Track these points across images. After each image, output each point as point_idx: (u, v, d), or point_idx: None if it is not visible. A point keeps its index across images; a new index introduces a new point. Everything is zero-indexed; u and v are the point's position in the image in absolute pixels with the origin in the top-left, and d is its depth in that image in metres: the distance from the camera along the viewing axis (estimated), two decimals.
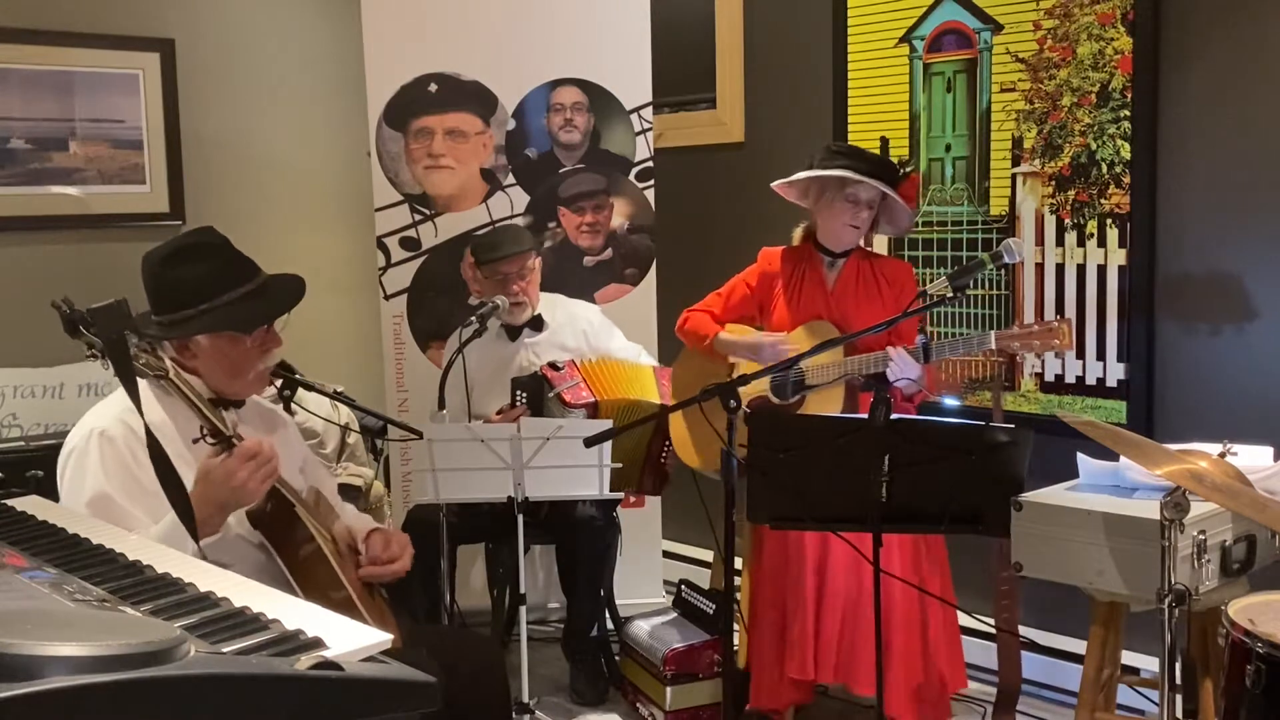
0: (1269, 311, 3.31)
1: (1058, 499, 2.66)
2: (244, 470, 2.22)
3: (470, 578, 4.33)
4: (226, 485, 2.21)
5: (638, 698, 3.78)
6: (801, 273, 3.40)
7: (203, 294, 2.43)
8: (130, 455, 2.29)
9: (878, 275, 3.38)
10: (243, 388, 2.51)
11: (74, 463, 2.34)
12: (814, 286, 3.38)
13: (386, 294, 4.35)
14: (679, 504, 4.34)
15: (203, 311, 2.42)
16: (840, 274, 3.39)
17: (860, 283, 3.36)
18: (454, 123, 4.32)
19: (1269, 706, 2.16)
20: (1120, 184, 3.54)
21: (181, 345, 2.45)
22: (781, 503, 2.72)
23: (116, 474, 2.30)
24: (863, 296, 3.35)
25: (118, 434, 2.31)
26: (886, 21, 4.06)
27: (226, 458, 2.22)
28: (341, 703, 1.21)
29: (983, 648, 3.71)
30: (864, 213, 3.33)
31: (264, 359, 2.49)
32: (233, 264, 2.50)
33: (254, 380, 2.52)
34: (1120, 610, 2.78)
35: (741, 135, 4.62)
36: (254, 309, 2.46)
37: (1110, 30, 3.52)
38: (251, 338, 2.46)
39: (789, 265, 3.43)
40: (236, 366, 2.47)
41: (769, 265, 3.47)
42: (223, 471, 2.21)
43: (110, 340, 1.91)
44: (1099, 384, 3.64)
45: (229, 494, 2.23)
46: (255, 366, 2.49)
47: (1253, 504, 2.20)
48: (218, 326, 2.43)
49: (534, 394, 3.76)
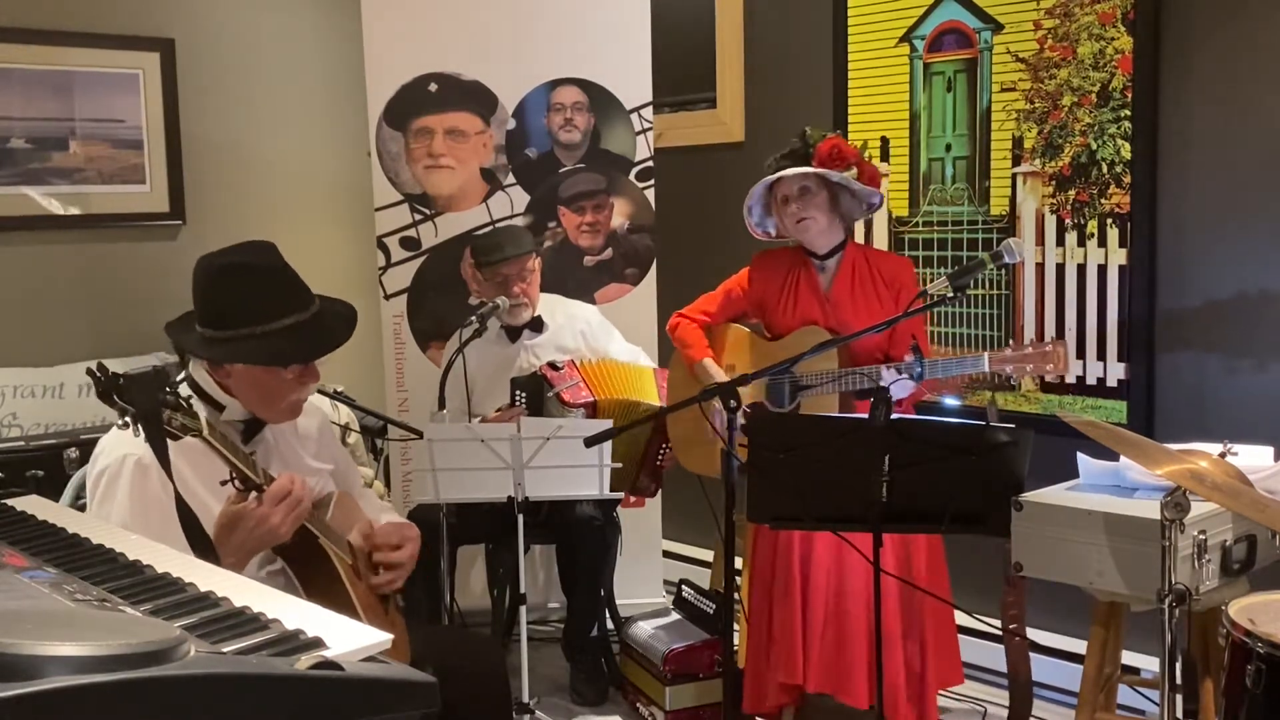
0: (1269, 311, 3.31)
1: (1058, 499, 2.66)
2: (276, 515, 2.19)
3: (470, 578, 4.33)
4: (257, 531, 2.18)
5: (638, 698, 3.78)
6: (796, 276, 3.35)
7: (249, 318, 2.34)
8: (163, 489, 2.21)
9: (875, 275, 3.31)
10: (274, 416, 2.45)
11: (105, 486, 2.31)
12: (809, 291, 3.33)
13: (386, 294, 4.35)
14: (679, 504, 4.34)
15: (244, 337, 2.34)
16: (835, 276, 3.32)
17: (857, 285, 3.30)
18: (454, 122, 4.32)
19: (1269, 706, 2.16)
20: (1120, 184, 3.54)
21: (215, 364, 2.40)
22: (782, 502, 2.71)
23: (146, 505, 2.26)
24: (860, 300, 3.29)
25: (152, 464, 2.22)
26: (887, 21, 4.06)
27: (257, 504, 2.18)
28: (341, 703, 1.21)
29: (983, 647, 3.70)
30: (794, 205, 3.24)
31: (300, 391, 2.43)
32: (285, 291, 2.41)
33: (286, 409, 2.45)
34: (1121, 610, 2.78)
35: (742, 135, 4.62)
36: (296, 345, 2.38)
37: (1111, 30, 3.52)
38: (289, 370, 2.39)
39: (784, 268, 3.38)
40: (271, 396, 2.41)
41: (764, 268, 3.42)
42: (255, 518, 2.18)
43: (145, 410, 1.89)
44: (1099, 384, 3.63)
45: (260, 539, 2.20)
46: (289, 398, 2.42)
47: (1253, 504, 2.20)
48: (255, 359, 2.35)
49: (533, 394, 3.76)
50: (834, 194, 3.28)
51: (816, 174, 3.22)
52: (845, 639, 3.16)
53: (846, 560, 3.14)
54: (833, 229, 3.32)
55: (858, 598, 3.14)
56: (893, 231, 4.09)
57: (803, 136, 3.29)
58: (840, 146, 3.23)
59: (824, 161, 3.22)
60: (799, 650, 3.20)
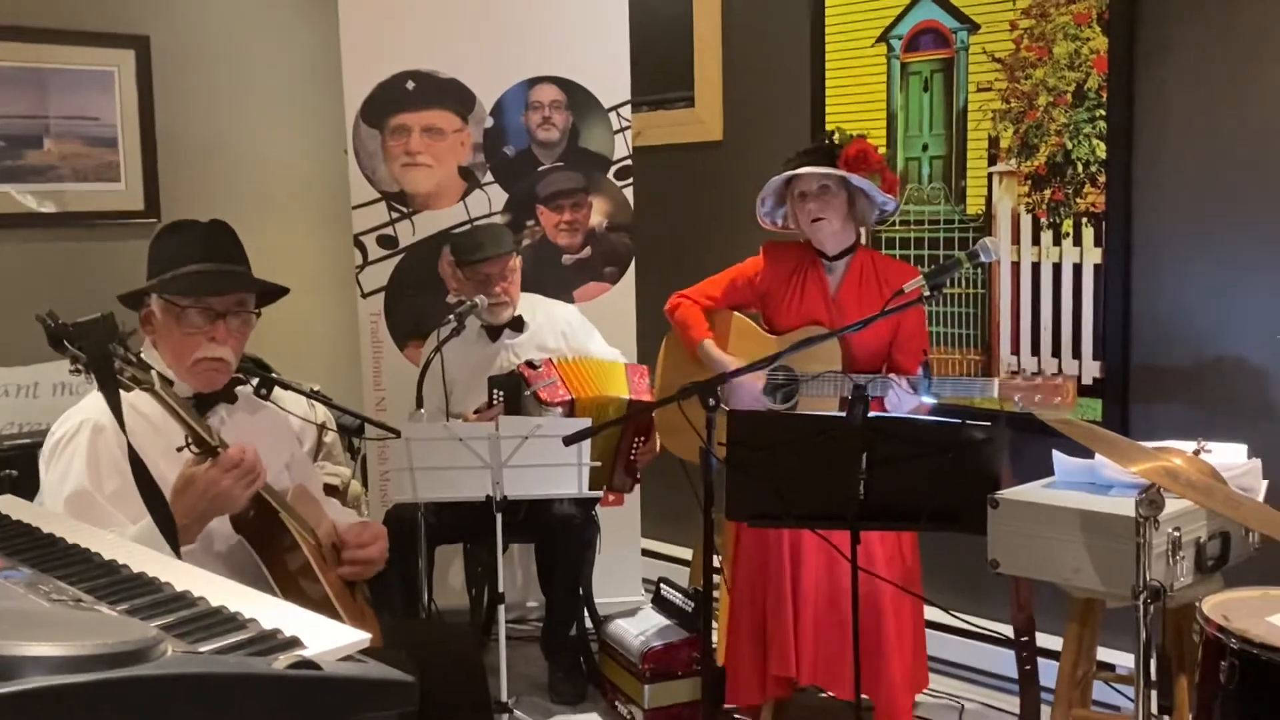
0: (1243, 310, 3.34)
1: (1034, 496, 2.68)
2: (227, 479, 2.21)
3: (448, 577, 4.32)
4: (209, 494, 2.20)
5: (616, 696, 3.78)
6: (804, 273, 3.35)
7: (167, 264, 2.46)
8: (120, 449, 2.26)
9: (882, 282, 3.29)
10: (186, 375, 2.45)
11: (60, 453, 2.33)
12: (816, 290, 3.33)
13: (364, 292, 4.34)
14: (658, 502, 4.35)
15: (159, 283, 2.45)
16: (843, 279, 3.32)
17: (864, 289, 3.30)
18: (431, 120, 4.31)
19: (1242, 702, 2.18)
20: (1096, 183, 3.56)
21: (145, 318, 2.47)
22: (760, 500, 2.72)
23: (102, 469, 2.29)
24: (865, 305, 3.26)
25: (109, 424, 2.28)
26: (864, 21, 4.08)
27: (210, 467, 2.21)
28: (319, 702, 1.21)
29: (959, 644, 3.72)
30: (812, 204, 3.25)
31: (208, 348, 2.44)
32: (209, 242, 2.50)
33: (197, 370, 2.45)
34: (1096, 607, 2.80)
35: (720, 134, 4.62)
36: (195, 282, 2.44)
37: (1086, 30, 3.54)
38: (196, 324, 2.42)
39: (793, 263, 3.37)
40: (178, 351, 2.44)
41: (774, 260, 3.40)
42: (206, 480, 2.20)
43: (95, 356, 1.89)
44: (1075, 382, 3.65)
45: (211, 502, 2.22)
46: (195, 354, 2.43)
47: (1227, 501, 2.22)
48: (159, 290, 2.44)
49: (511, 393, 3.76)
50: (852, 197, 3.29)
51: (839, 176, 3.23)
52: (838, 633, 3.17)
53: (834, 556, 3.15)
54: (845, 231, 3.33)
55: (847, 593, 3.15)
56: (871, 230, 4.10)
57: (831, 136, 3.31)
58: (867, 151, 3.24)
59: (849, 164, 3.23)
60: (791, 643, 3.20)
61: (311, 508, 2.58)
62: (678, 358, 3.51)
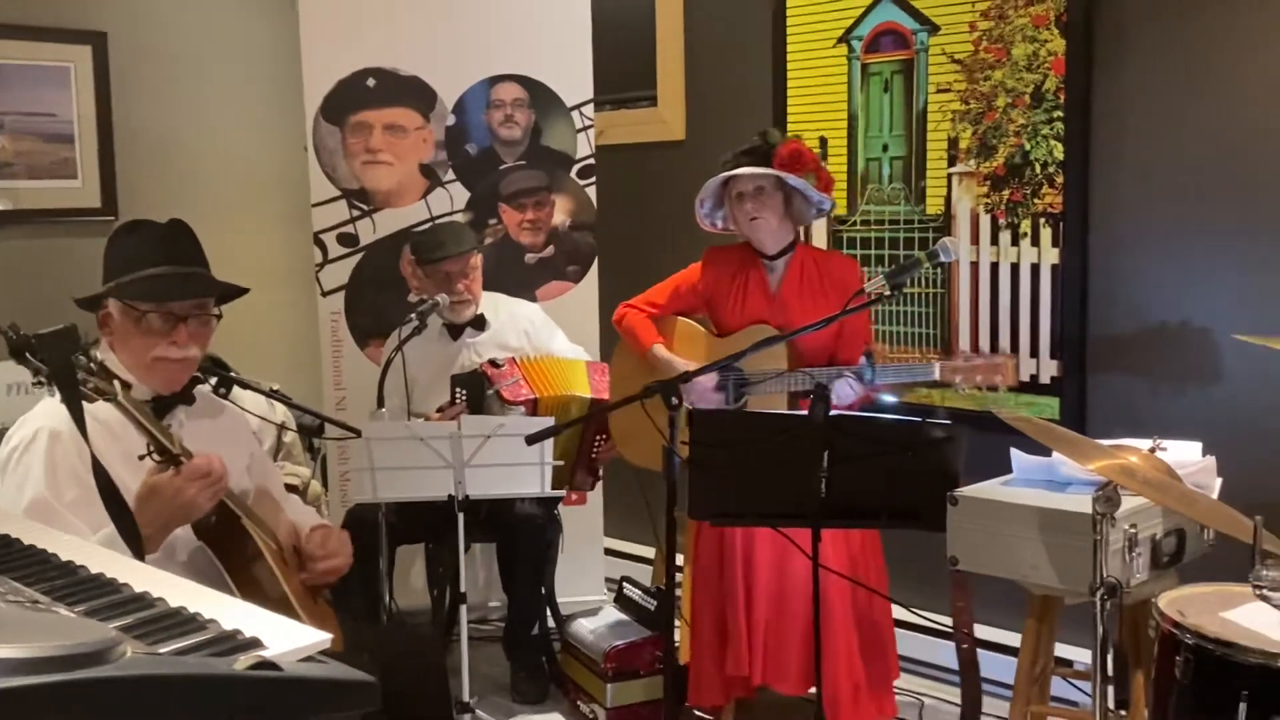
0: (1198, 309, 3.38)
1: (993, 494, 2.70)
2: (192, 488, 2.19)
3: (410, 577, 4.31)
4: (174, 503, 2.19)
5: (579, 695, 3.78)
6: (746, 274, 3.38)
7: (124, 267, 2.43)
8: (79, 457, 2.24)
9: (823, 276, 3.34)
10: (143, 377, 2.43)
11: (17, 461, 2.29)
12: (758, 290, 3.36)
13: (324, 290, 4.31)
14: (621, 501, 4.35)
15: (116, 285, 2.42)
16: (783, 277, 3.35)
17: (805, 285, 3.33)
18: (393, 118, 4.29)
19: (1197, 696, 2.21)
20: (1053, 184, 3.60)
21: (103, 320, 2.45)
22: (723, 499, 2.73)
23: (60, 477, 2.25)
24: (807, 300, 3.31)
25: (66, 431, 2.26)
26: (825, 21, 4.10)
27: (175, 475, 2.19)
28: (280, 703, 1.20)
29: (921, 641, 3.75)
30: (748, 204, 3.27)
31: (166, 349, 2.42)
32: (163, 246, 2.47)
33: (156, 371, 2.43)
34: (1054, 603, 2.83)
35: (683, 133, 4.63)
36: (147, 287, 2.42)
37: (1044, 32, 3.57)
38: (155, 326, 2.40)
39: (734, 265, 3.40)
40: (137, 353, 2.42)
41: (715, 265, 3.44)
42: (171, 489, 2.18)
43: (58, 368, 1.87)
44: (1033, 381, 3.69)
45: (175, 512, 2.20)
46: (153, 352, 2.41)
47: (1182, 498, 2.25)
48: (117, 295, 2.42)
49: (474, 391, 3.75)
50: (788, 196, 3.31)
51: (774, 176, 3.25)
52: (784, 631, 3.19)
53: (789, 554, 3.17)
54: (783, 230, 3.35)
55: (799, 592, 3.17)
56: (831, 230, 4.13)
57: (764, 136, 3.31)
58: (801, 151, 3.26)
59: (784, 164, 3.25)
60: (744, 643, 3.22)
61: (272, 509, 2.56)
62: (628, 367, 3.52)
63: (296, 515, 2.67)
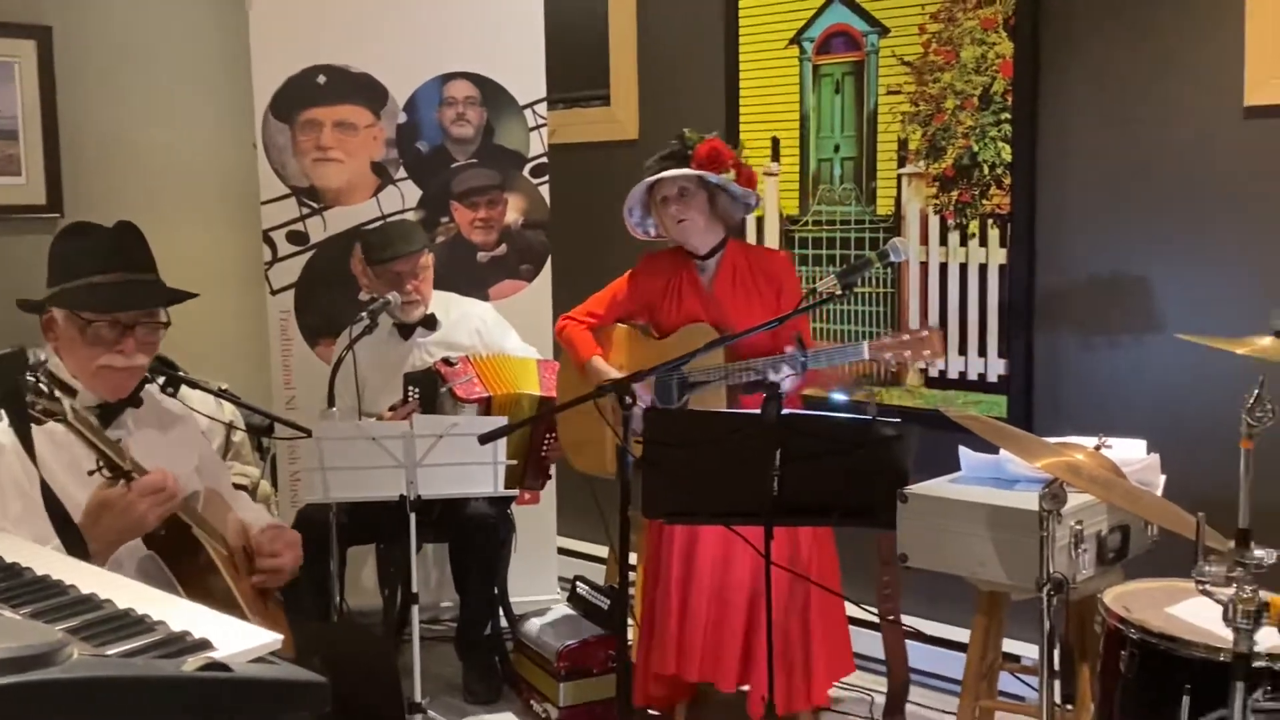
0: (1142, 308, 3.44)
1: (942, 491, 2.73)
2: (143, 504, 2.17)
3: (361, 577, 4.28)
4: (125, 518, 2.16)
5: (531, 695, 3.78)
6: (680, 276, 3.40)
7: (69, 273, 2.38)
8: (23, 471, 2.20)
9: (754, 271, 3.37)
10: (90, 383, 2.39)
11: None
12: (692, 290, 3.38)
13: (273, 289, 4.27)
14: (574, 501, 4.34)
15: (61, 291, 2.38)
16: (715, 275, 3.38)
17: (737, 281, 3.36)
18: (343, 115, 4.26)
19: (1142, 690, 2.25)
20: (1001, 185, 3.64)
21: (47, 324, 2.40)
22: (676, 498, 2.74)
23: (4, 491, 2.21)
24: (740, 296, 3.35)
25: (10, 444, 2.21)
26: (777, 22, 4.12)
27: (126, 491, 2.16)
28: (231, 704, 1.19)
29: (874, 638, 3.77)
30: (673, 207, 3.29)
31: (111, 357, 2.38)
32: (115, 249, 2.42)
33: (101, 378, 2.40)
34: (1002, 599, 2.86)
35: (636, 133, 4.64)
36: (93, 297, 2.37)
37: (992, 35, 3.61)
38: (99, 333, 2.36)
39: (668, 269, 3.42)
40: (81, 360, 2.38)
41: (648, 270, 3.47)
42: (122, 504, 2.16)
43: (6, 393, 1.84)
44: (980, 379, 3.74)
45: (126, 526, 2.18)
46: (99, 360, 2.38)
47: (1126, 495, 2.28)
48: (55, 303, 2.38)
49: (426, 390, 3.73)
50: (712, 195, 3.33)
51: (695, 176, 3.27)
52: (723, 628, 3.20)
53: (731, 552, 3.19)
54: (711, 229, 3.37)
55: (740, 588, 3.19)
56: (783, 230, 4.15)
57: (681, 138, 3.34)
58: (718, 149, 3.29)
59: (702, 163, 3.27)
60: (673, 642, 3.23)
61: (221, 509, 2.54)
62: (575, 378, 3.53)
63: (246, 514, 2.65)
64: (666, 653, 3.25)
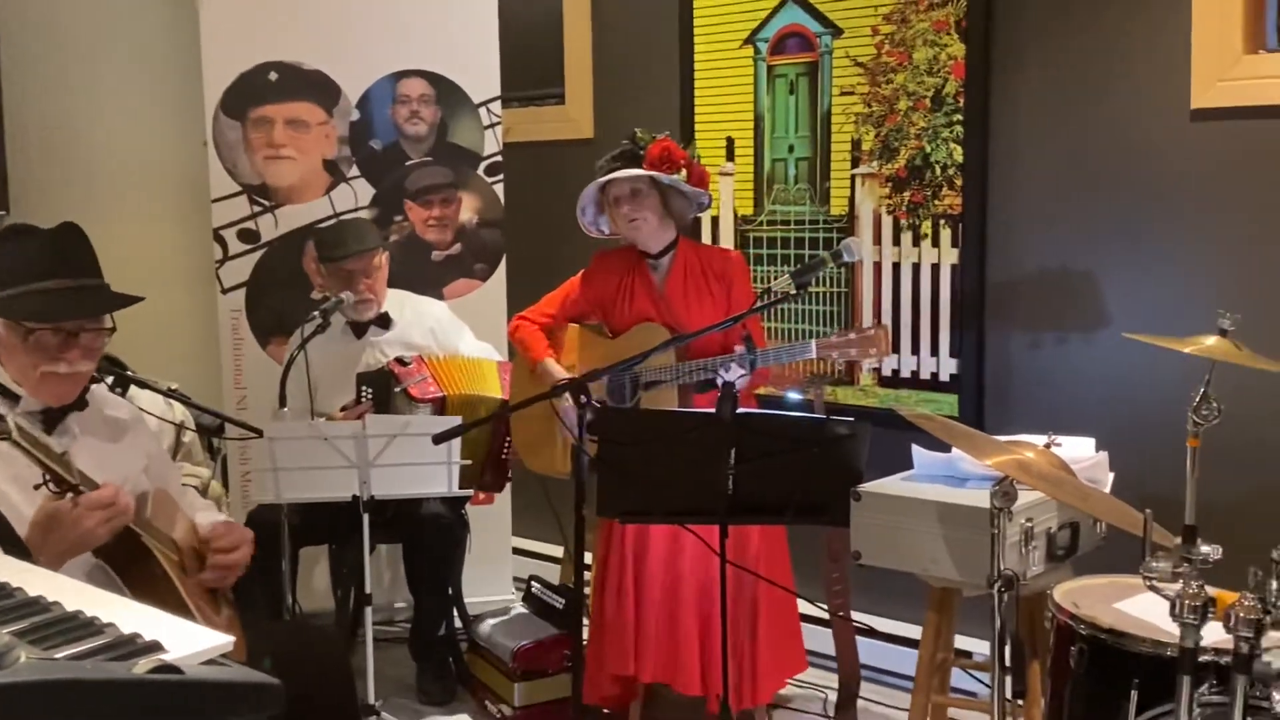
0: (1092, 308, 3.48)
1: (894, 489, 2.75)
2: (91, 519, 2.14)
3: (313, 579, 4.25)
4: (73, 533, 2.13)
5: (486, 695, 3.76)
6: (632, 276, 3.40)
7: (13, 278, 2.32)
8: None
9: (706, 271, 3.37)
10: (33, 390, 2.35)
11: None
12: (644, 290, 3.39)
13: (224, 288, 4.23)
14: (529, 500, 4.34)
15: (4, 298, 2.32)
16: (667, 275, 3.38)
17: (689, 281, 3.37)
18: (295, 112, 4.23)
19: (1091, 685, 2.28)
20: (953, 186, 3.68)
21: None
22: (631, 497, 2.74)
23: None
24: (692, 296, 3.35)
25: None
26: (732, 23, 4.13)
27: (74, 506, 2.13)
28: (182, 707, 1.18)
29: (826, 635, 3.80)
30: (625, 207, 3.30)
31: (55, 364, 2.33)
32: (58, 254, 2.36)
33: (45, 384, 2.35)
34: (953, 596, 2.89)
35: (591, 131, 4.63)
36: (32, 306, 2.32)
37: (945, 37, 3.65)
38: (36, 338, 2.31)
39: (620, 268, 3.43)
40: (24, 367, 2.33)
41: (601, 269, 3.47)
42: (70, 519, 2.12)
43: None
44: (933, 378, 3.77)
45: (76, 540, 2.14)
46: (42, 368, 2.33)
47: (1076, 492, 2.31)
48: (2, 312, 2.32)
49: (380, 390, 3.71)
50: (665, 195, 3.34)
51: (647, 176, 3.27)
52: (678, 628, 3.21)
53: (682, 550, 3.19)
54: (664, 229, 3.38)
55: (691, 587, 3.20)
56: (738, 230, 4.17)
57: (633, 139, 3.34)
58: (670, 149, 3.29)
59: (654, 164, 3.27)
60: (630, 641, 3.24)
61: (171, 509, 2.50)
62: (525, 378, 3.52)
63: (196, 514, 2.62)
64: (624, 654, 3.25)
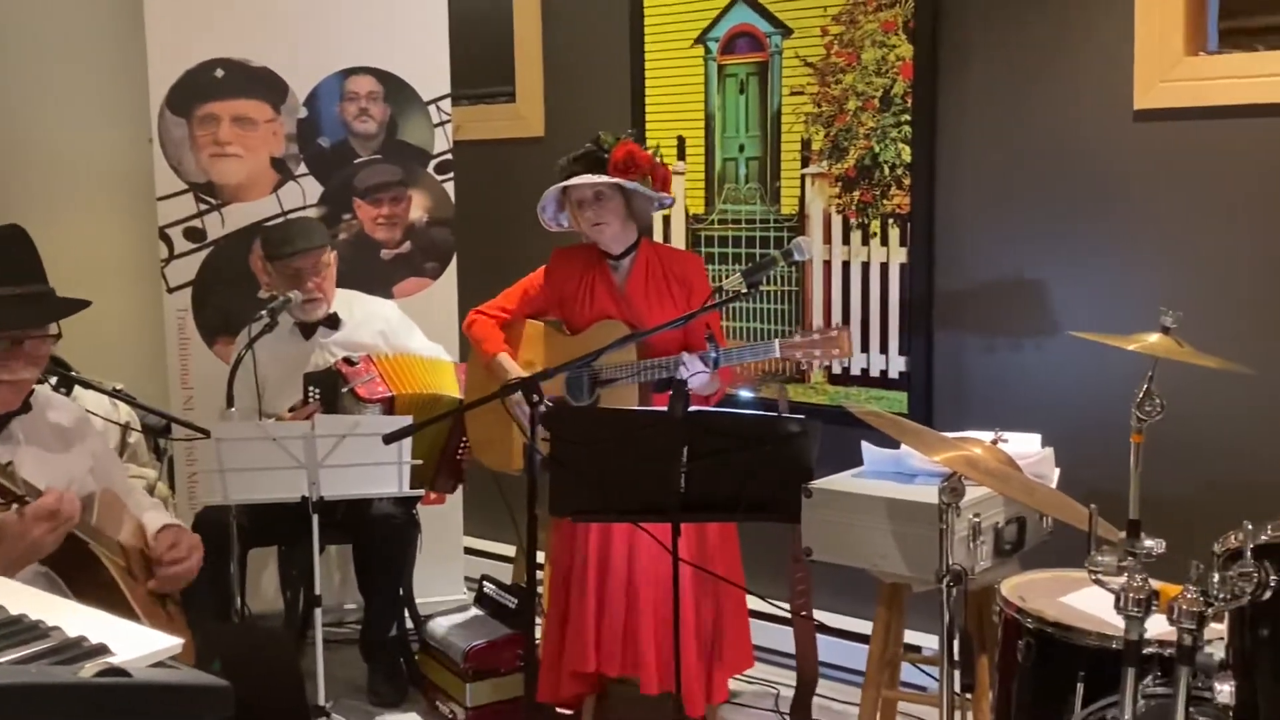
0: (1037, 306, 3.53)
1: (844, 486, 2.77)
2: (38, 529, 2.11)
3: (262, 580, 4.21)
4: (21, 544, 2.10)
5: (438, 696, 3.75)
6: (593, 274, 3.39)
7: None
8: None
9: (667, 273, 3.37)
10: None
11: None
12: (605, 288, 3.38)
13: (170, 287, 4.18)
14: (481, 500, 4.32)
15: None
16: (629, 275, 3.38)
17: (650, 282, 3.37)
18: (242, 110, 4.18)
19: (1038, 678, 2.31)
20: (901, 185, 3.71)
21: None
22: (583, 496, 2.74)
23: None
24: (653, 297, 3.35)
25: None
26: (682, 22, 4.14)
27: (20, 517, 2.10)
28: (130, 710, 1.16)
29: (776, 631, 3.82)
30: (589, 211, 3.30)
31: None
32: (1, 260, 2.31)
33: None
34: (903, 591, 2.91)
35: (542, 129, 4.63)
36: None
37: (893, 38, 3.68)
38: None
39: (580, 266, 3.41)
40: None
41: (562, 265, 3.45)
42: (16, 530, 2.10)
43: None
44: (882, 376, 3.80)
45: (23, 552, 2.11)
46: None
47: (1022, 488, 2.34)
48: None
49: (328, 390, 3.68)
50: (628, 198, 3.34)
51: (612, 182, 3.27)
52: (637, 625, 3.21)
53: (640, 547, 3.20)
54: (626, 231, 3.37)
55: (650, 583, 3.21)
56: (690, 228, 4.18)
57: (596, 141, 3.32)
58: (634, 154, 3.27)
59: (618, 168, 3.26)
60: (591, 638, 3.24)
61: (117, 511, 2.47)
62: (482, 375, 3.51)
63: (143, 513, 2.58)
64: (585, 649, 3.24)
